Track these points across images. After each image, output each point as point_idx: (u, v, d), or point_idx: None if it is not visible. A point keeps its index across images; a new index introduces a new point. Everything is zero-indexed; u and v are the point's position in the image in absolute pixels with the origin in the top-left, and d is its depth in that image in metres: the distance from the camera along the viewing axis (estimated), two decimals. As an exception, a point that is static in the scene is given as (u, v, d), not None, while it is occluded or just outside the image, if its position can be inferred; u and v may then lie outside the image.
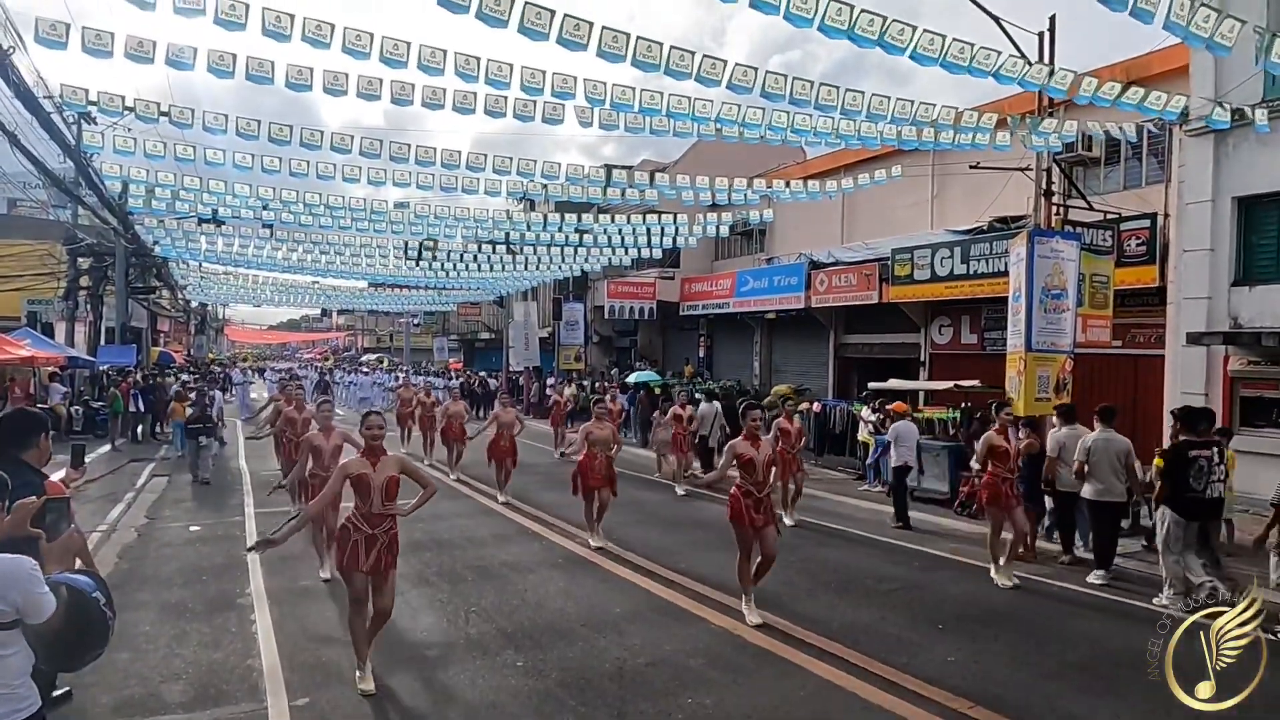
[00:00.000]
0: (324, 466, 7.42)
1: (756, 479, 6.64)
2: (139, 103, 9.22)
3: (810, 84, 8.27)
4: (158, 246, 21.36)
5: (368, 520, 5.26)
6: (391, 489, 5.36)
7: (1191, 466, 7.01)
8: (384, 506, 5.29)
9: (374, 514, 5.26)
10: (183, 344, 47.79)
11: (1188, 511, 7.12)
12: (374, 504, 5.26)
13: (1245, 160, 11.71)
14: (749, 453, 6.70)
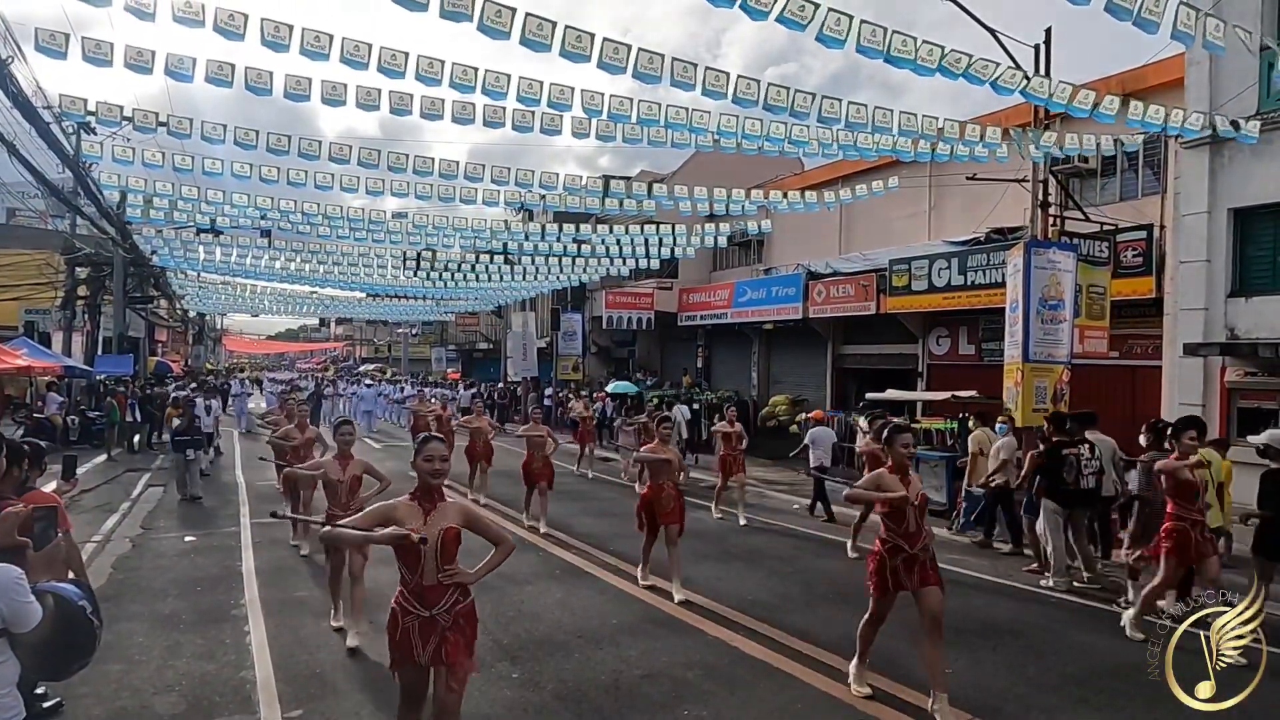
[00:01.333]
0: (342, 505, 6.29)
1: (907, 529, 5.00)
2: (137, 113, 9.25)
3: (812, 96, 8.31)
4: (156, 256, 21.40)
5: (419, 598, 3.73)
6: (450, 548, 3.80)
7: (1064, 463, 8.02)
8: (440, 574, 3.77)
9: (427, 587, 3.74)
10: (181, 354, 47.70)
11: (1063, 501, 8.08)
12: (426, 572, 3.73)
13: (1241, 172, 11.76)
14: (900, 495, 4.96)
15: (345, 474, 6.47)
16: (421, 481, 3.76)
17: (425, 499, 3.75)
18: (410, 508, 3.72)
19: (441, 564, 3.67)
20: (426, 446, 3.79)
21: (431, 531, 3.64)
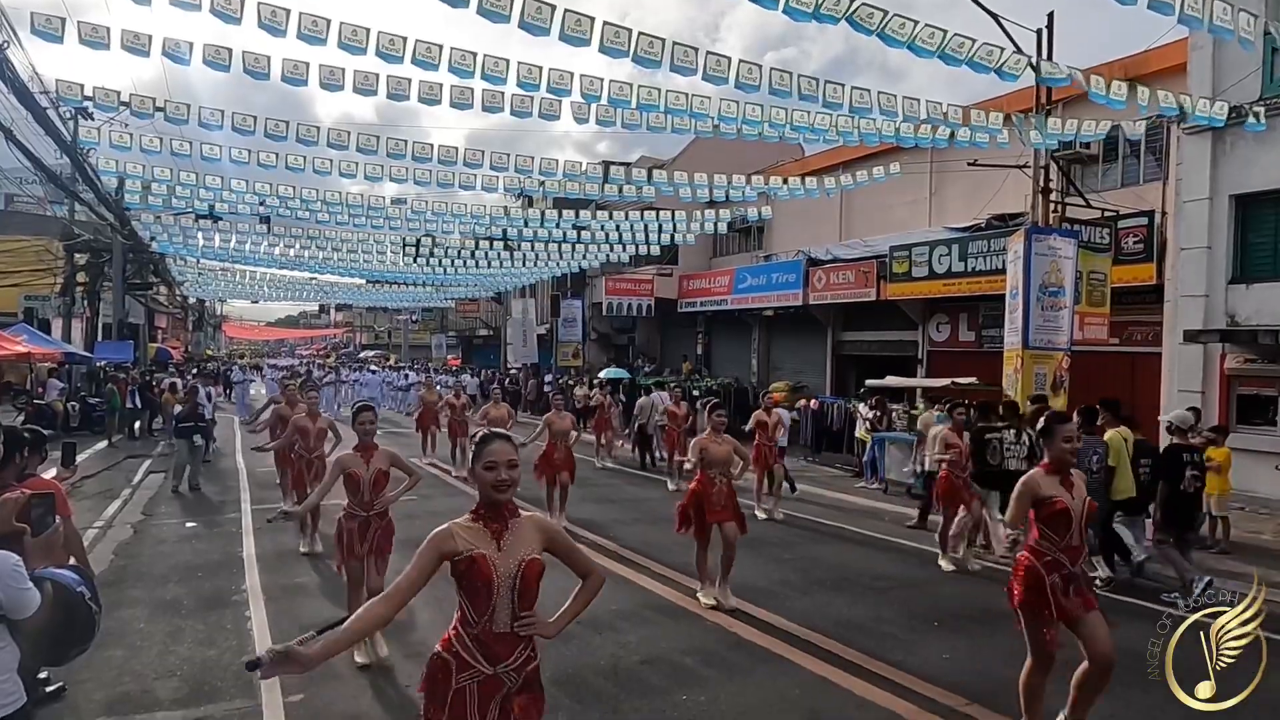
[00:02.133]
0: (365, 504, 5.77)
1: (1069, 541, 4.26)
2: (135, 98, 9.21)
3: (815, 81, 8.27)
4: (155, 242, 21.36)
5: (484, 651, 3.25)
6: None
7: (987, 447, 8.64)
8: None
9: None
10: (181, 340, 47.75)
11: (984, 482, 8.69)
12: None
13: (1243, 158, 11.71)
14: (1060, 499, 4.22)
15: (369, 468, 5.50)
16: (485, 496, 2.76)
17: (492, 518, 2.76)
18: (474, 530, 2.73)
19: (519, 607, 2.75)
20: (488, 448, 2.72)
21: (508, 562, 2.71)
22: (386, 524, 5.70)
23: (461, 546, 2.66)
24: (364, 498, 5.57)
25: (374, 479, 5.61)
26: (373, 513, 5.59)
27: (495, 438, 2.75)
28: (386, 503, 5.66)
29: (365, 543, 5.55)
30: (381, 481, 5.66)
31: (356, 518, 5.57)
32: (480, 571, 2.64)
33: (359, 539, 5.53)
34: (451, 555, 2.63)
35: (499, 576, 2.66)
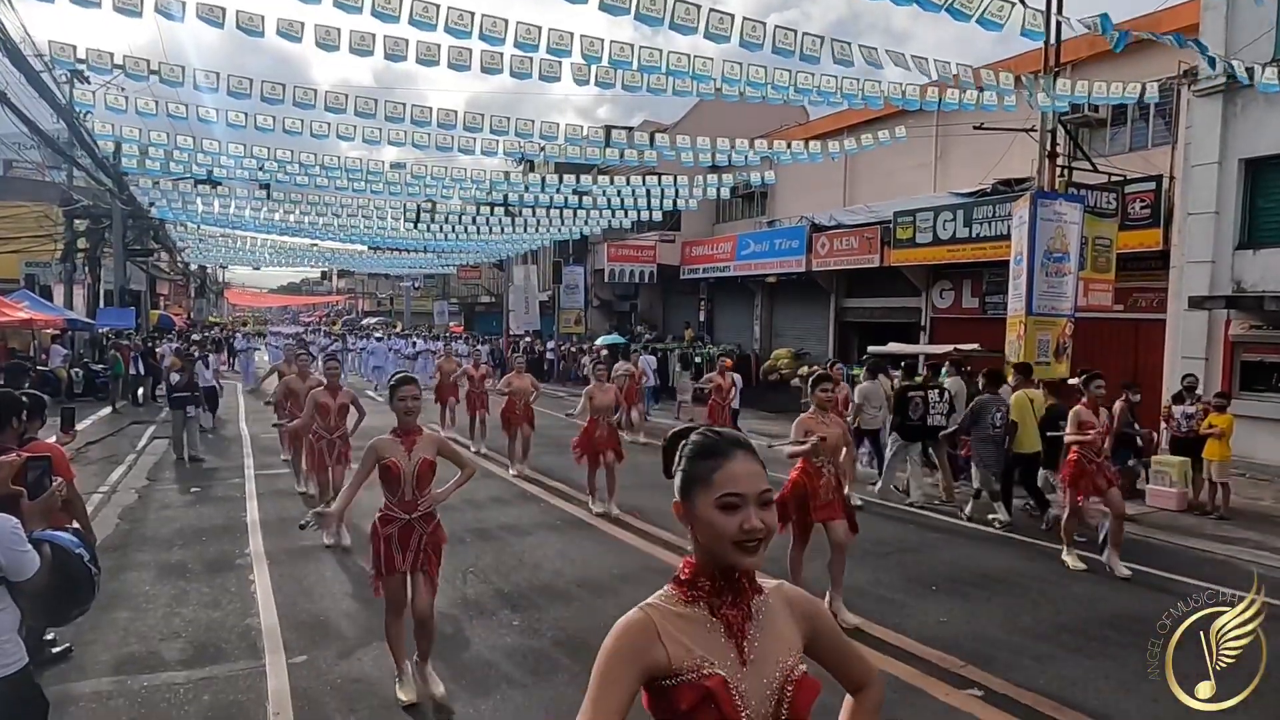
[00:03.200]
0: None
1: None
2: (128, 60, 9.08)
3: (820, 39, 8.11)
4: (154, 208, 21.23)
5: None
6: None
7: (909, 404, 9.79)
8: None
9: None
10: (183, 307, 47.73)
11: (905, 434, 9.89)
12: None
13: (1254, 121, 11.54)
14: None
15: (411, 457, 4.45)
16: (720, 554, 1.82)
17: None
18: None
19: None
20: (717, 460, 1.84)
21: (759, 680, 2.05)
22: (435, 529, 4.52)
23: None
24: (405, 495, 4.43)
25: (418, 471, 4.43)
26: (416, 514, 4.41)
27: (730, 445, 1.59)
28: (435, 502, 4.50)
29: (408, 553, 4.40)
30: (427, 475, 4.49)
31: (396, 521, 4.39)
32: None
33: (400, 548, 4.38)
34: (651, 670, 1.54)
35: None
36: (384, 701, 4.48)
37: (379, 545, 4.38)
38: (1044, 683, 4.83)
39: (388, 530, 4.39)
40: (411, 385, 4.54)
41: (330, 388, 8.00)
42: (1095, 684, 4.85)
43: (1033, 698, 4.62)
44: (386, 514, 4.43)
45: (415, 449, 4.45)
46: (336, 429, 7.93)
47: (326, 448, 7.93)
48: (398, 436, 4.47)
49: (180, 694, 4.54)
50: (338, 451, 7.92)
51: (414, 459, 4.43)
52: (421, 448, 4.49)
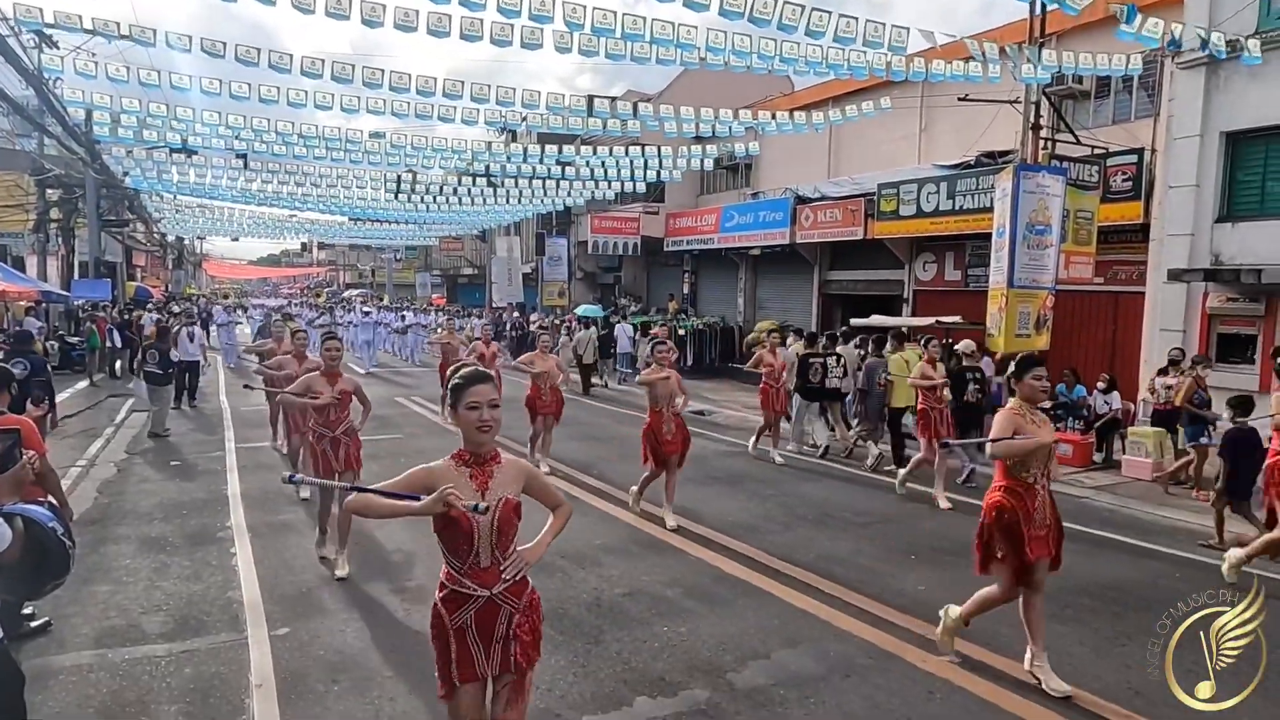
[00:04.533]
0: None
1: None
2: (98, 22, 8.84)
3: (801, 8, 8.03)
4: (128, 177, 20.83)
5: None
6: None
7: (810, 368, 11.27)
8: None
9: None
10: (161, 279, 46.99)
11: (807, 395, 11.55)
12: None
13: (1236, 94, 11.56)
14: None
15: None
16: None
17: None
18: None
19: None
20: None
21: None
22: (529, 604, 2.99)
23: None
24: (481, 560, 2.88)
25: (499, 520, 2.88)
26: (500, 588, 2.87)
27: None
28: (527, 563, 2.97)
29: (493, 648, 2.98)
30: (511, 524, 2.91)
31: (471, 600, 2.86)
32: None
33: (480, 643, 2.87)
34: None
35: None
36: (366, 672, 4.50)
37: (446, 643, 2.85)
38: (1018, 649, 4.91)
39: (458, 617, 2.83)
40: (486, 385, 2.86)
41: (329, 373, 6.28)
42: (1069, 649, 4.94)
43: (1006, 663, 4.70)
44: (455, 590, 2.84)
45: (494, 485, 2.85)
46: (338, 423, 6.26)
47: (331, 449, 6.23)
48: (464, 464, 2.87)
49: (161, 666, 4.53)
50: (345, 452, 6.27)
51: (489, 501, 2.80)
52: (502, 482, 2.87)
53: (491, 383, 2.88)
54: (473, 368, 2.92)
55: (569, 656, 4.69)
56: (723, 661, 4.68)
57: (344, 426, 6.29)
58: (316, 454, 6.28)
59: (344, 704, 4.17)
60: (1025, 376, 4.54)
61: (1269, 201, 11.58)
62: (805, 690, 4.35)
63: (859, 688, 4.39)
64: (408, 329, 26.15)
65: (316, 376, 6.32)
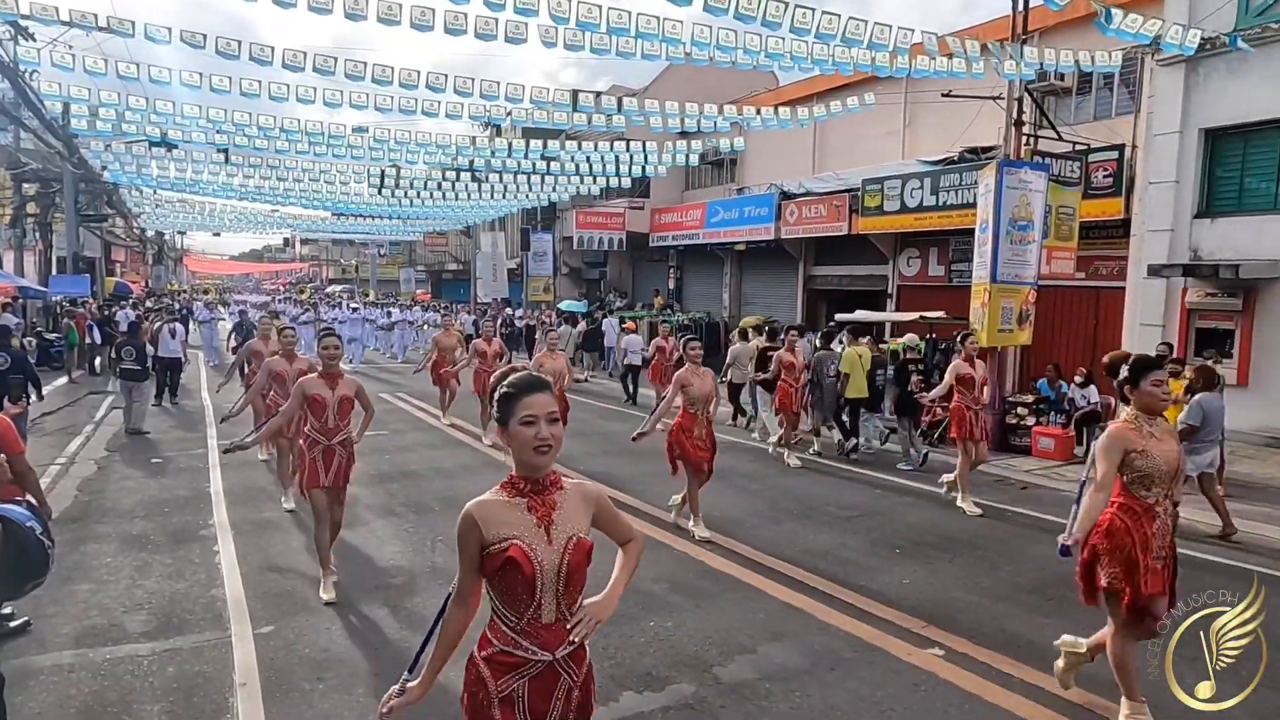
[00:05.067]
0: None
1: None
2: (75, 14, 8.72)
3: (785, 5, 8.04)
4: (106, 171, 20.58)
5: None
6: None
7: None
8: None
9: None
10: (140, 274, 46.47)
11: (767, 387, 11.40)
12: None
13: (1215, 90, 11.69)
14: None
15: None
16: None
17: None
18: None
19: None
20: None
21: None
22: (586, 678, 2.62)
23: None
24: (542, 612, 2.56)
25: (569, 562, 2.44)
26: (563, 651, 2.36)
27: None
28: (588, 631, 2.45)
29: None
30: (581, 567, 2.52)
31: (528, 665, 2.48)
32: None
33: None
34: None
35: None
36: (352, 670, 4.48)
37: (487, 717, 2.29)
38: (1002, 641, 4.97)
39: (507, 685, 2.28)
40: (544, 395, 2.28)
41: (328, 374, 5.71)
42: (1051, 641, 4.98)
43: (991, 655, 4.75)
44: (506, 652, 2.30)
45: (560, 518, 2.32)
46: (336, 431, 5.63)
47: (323, 460, 5.59)
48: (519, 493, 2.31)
49: (144, 666, 4.49)
50: (337, 464, 5.64)
51: (558, 541, 2.29)
52: (569, 514, 2.35)
53: (549, 391, 2.29)
54: (525, 373, 2.35)
55: (556, 652, 4.68)
56: (709, 656, 4.69)
57: (341, 435, 5.63)
58: (305, 462, 5.59)
59: (329, 702, 4.15)
60: (1142, 382, 3.90)
61: (1247, 197, 11.73)
62: (790, 684, 4.37)
63: (844, 681, 4.42)
64: (394, 325, 25.78)
65: (314, 379, 5.69)
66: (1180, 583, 3.99)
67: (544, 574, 2.24)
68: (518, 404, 2.24)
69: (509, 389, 2.27)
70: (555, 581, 2.28)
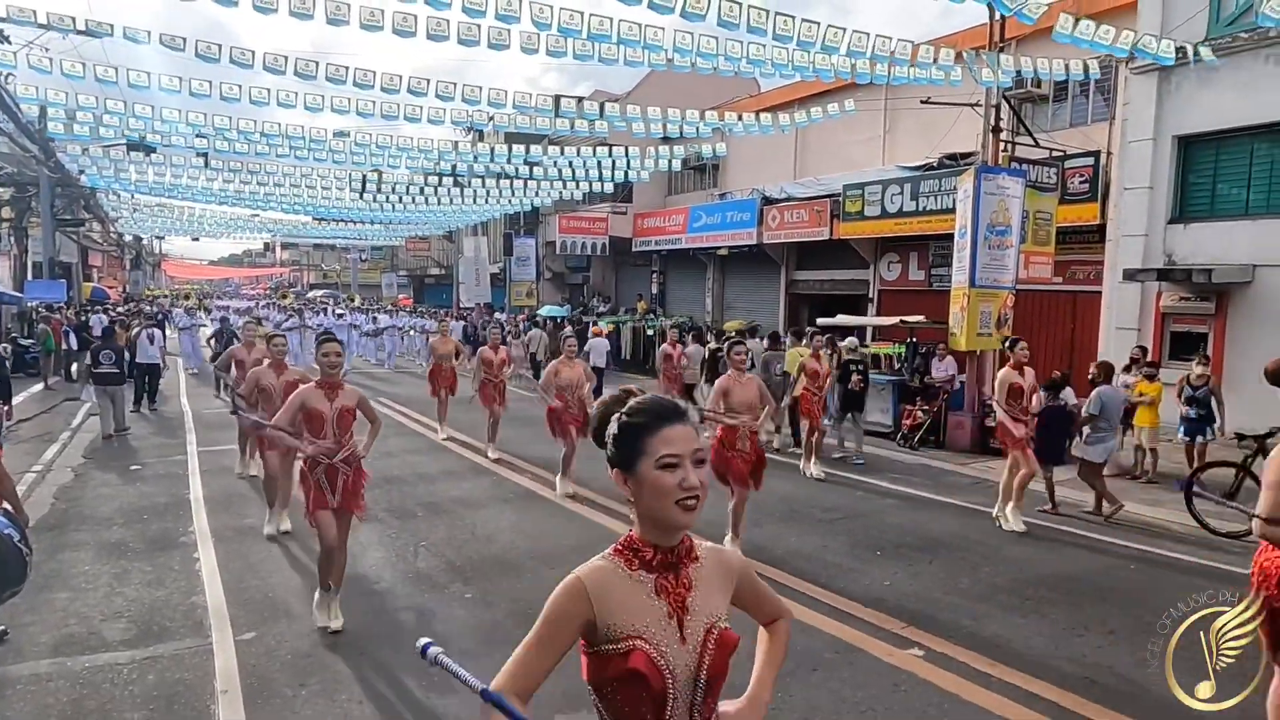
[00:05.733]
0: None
1: None
2: (52, 16, 8.64)
3: (766, 13, 8.11)
4: (84, 176, 20.36)
5: None
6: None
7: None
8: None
9: None
10: (118, 279, 45.95)
11: None
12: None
13: (1186, 98, 11.91)
14: None
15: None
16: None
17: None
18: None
19: None
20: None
21: None
22: None
23: None
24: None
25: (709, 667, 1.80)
26: None
27: None
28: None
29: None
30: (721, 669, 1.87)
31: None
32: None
33: None
34: None
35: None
36: (334, 675, 4.47)
37: None
38: (981, 641, 5.03)
39: None
40: (684, 427, 1.62)
41: (327, 384, 5.17)
42: (1028, 640, 5.06)
43: (969, 655, 4.80)
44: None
45: (697, 602, 1.72)
46: (340, 447, 5.08)
47: (326, 480, 5.03)
48: (645, 566, 1.69)
49: (124, 674, 4.46)
50: (344, 485, 5.07)
51: (693, 636, 1.70)
52: (708, 595, 1.75)
53: (688, 421, 1.63)
54: (653, 397, 1.67)
55: (539, 656, 4.69)
56: (692, 658, 4.71)
57: (345, 452, 5.05)
58: (309, 485, 5.06)
59: (312, 708, 4.14)
60: None
61: (1219, 203, 11.95)
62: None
63: (826, 681, 4.46)
64: (380, 332, 24.22)
65: (312, 390, 5.16)
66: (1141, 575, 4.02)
67: (677, 685, 1.61)
68: (652, 439, 1.58)
69: (637, 418, 1.61)
70: (691, 693, 1.66)
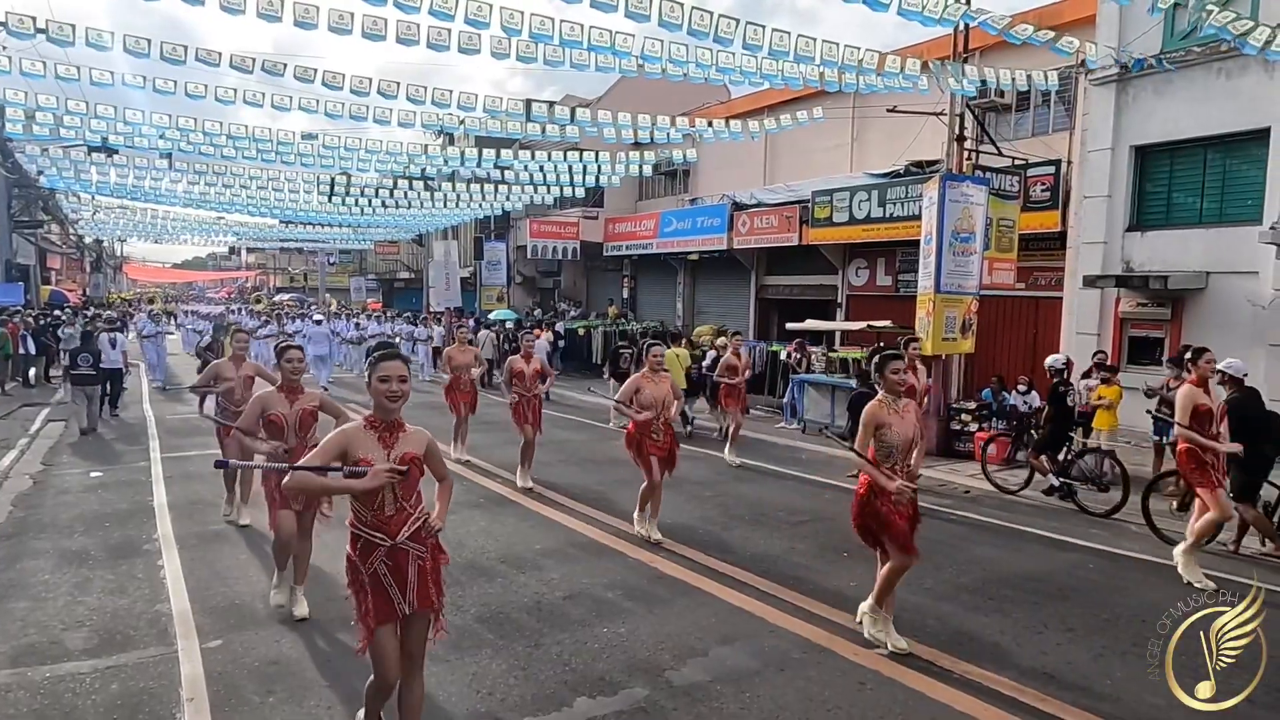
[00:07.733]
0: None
1: None
2: (11, 17, 8.49)
3: (735, 22, 8.22)
4: (43, 176, 19.93)
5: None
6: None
7: (620, 358, 13.21)
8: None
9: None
10: (78, 282, 44.88)
11: (618, 379, 13.02)
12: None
13: (1144, 109, 12.23)
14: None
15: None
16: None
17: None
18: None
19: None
20: None
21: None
22: None
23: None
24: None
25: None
26: None
27: None
28: None
29: None
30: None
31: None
32: None
33: None
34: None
35: None
36: (302, 682, 4.44)
37: None
38: (944, 639, 5.13)
39: None
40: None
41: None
42: (991, 639, 5.18)
43: (932, 653, 4.90)
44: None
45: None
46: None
47: (388, 568, 3.76)
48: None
49: (86, 684, 4.39)
50: (419, 573, 3.78)
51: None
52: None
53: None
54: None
55: (510, 660, 4.71)
56: (661, 660, 4.76)
57: (413, 526, 3.66)
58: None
59: (280, 714, 4.11)
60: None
61: (1174, 211, 12.29)
62: (741, 685, 4.46)
63: (793, 681, 4.52)
64: (362, 339, 21.96)
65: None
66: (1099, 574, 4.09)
67: None
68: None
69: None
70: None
